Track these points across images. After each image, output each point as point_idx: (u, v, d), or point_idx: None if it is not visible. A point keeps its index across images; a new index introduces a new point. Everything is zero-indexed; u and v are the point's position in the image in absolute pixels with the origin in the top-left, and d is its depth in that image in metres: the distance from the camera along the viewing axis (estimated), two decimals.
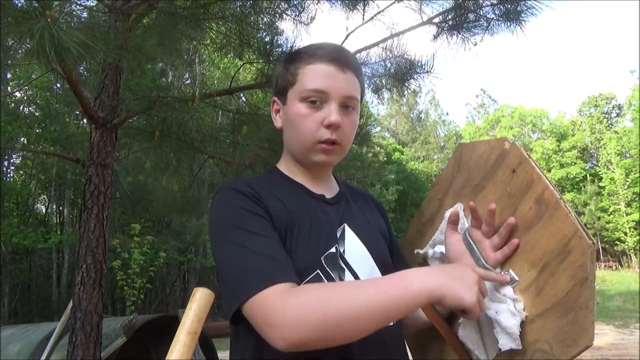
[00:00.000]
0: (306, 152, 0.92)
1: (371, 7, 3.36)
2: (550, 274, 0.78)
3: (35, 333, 4.64)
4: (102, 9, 2.98)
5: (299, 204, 0.90)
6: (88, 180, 2.95)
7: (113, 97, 3.02)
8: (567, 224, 0.76)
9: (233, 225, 0.81)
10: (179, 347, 0.67)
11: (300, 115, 0.89)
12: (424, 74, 3.36)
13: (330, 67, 0.89)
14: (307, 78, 0.89)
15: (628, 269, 30.81)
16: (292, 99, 0.91)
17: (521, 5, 3.08)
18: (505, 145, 0.90)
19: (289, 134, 0.94)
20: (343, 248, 0.88)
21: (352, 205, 0.99)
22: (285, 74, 0.93)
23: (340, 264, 0.86)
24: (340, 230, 0.90)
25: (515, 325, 0.79)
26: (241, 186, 0.86)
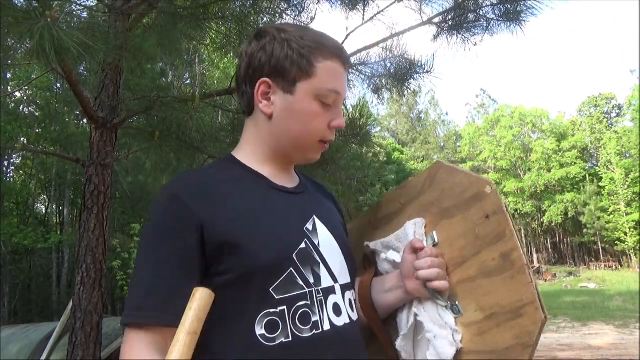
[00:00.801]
0: (304, 149, 0.89)
1: (371, 7, 3.36)
2: (496, 325, 0.82)
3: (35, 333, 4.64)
4: (102, 9, 2.98)
5: (260, 198, 0.85)
6: (88, 180, 2.95)
7: (113, 97, 3.02)
8: (527, 291, 0.79)
9: (149, 243, 0.79)
10: (179, 347, 0.67)
11: (313, 114, 0.86)
12: (424, 74, 3.36)
13: (341, 67, 0.88)
14: (328, 76, 0.85)
15: (628, 269, 30.80)
16: (305, 92, 0.84)
17: (521, 5, 3.08)
18: (486, 188, 0.89)
19: (289, 126, 0.86)
20: (317, 240, 0.86)
21: (314, 195, 0.97)
22: (298, 59, 0.84)
23: (316, 257, 0.84)
24: (312, 223, 0.87)
25: (450, 354, 0.83)
26: (183, 191, 0.80)
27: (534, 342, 0.76)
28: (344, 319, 0.84)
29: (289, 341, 0.76)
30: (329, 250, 0.87)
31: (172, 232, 0.77)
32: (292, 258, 0.80)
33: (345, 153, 3.68)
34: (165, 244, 0.77)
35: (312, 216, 0.88)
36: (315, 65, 0.84)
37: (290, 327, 0.77)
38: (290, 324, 0.77)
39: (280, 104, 0.86)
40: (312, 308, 0.80)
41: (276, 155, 0.90)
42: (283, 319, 0.77)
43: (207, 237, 0.77)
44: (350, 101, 3.71)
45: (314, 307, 0.80)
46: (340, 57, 0.87)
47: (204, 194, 0.80)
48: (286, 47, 0.85)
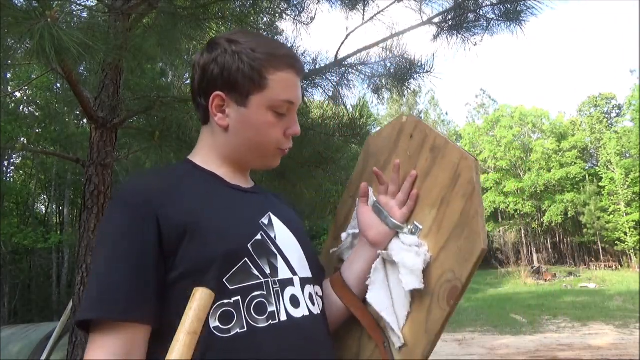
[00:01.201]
0: (262, 157, 0.92)
1: (371, 7, 3.36)
2: (447, 205, 0.84)
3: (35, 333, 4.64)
4: (102, 9, 2.98)
5: (213, 194, 0.86)
6: (88, 180, 2.95)
7: (113, 97, 3.02)
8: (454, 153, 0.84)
9: (107, 243, 0.78)
10: (179, 347, 0.67)
11: (269, 124, 0.88)
12: (423, 74, 3.36)
13: (295, 76, 0.89)
14: (280, 88, 0.87)
15: (628, 269, 30.80)
16: (258, 104, 0.86)
17: (521, 5, 3.08)
18: (402, 119, 0.97)
19: (246, 137, 0.88)
20: (274, 234, 0.86)
21: (270, 197, 0.99)
22: (249, 72, 0.85)
23: (272, 248, 0.84)
24: (267, 218, 0.88)
25: (419, 263, 0.83)
26: (137, 192, 0.81)
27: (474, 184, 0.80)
28: (303, 311, 0.83)
29: (244, 331, 0.76)
30: (286, 244, 0.87)
31: (129, 228, 0.77)
32: (247, 248, 0.81)
33: (345, 153, 3.68)
34: (123, 239, 0.76)
35: (268, 212, 0.90)
36: (267, 78, 0.86)
37: (245, 318, 0.76)
38: (245, 314, 0.77)
39: (235, 117, 0.88)
40: (268, 298, 0.79)
41: (233, 160, 0.92)
42: (237, 310, 0.76)
43: (163, 229, 0.77)
44: (350, 101, 3.70)
45: (270, 298, 0.80)
46: (292, 67, 0.89)
47: (160, 188, 0.82)
48: (237, 60, 0.86)
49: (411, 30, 3.31)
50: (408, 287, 0.83)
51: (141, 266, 0.75)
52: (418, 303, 0.85)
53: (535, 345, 8.62)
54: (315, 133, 3.45)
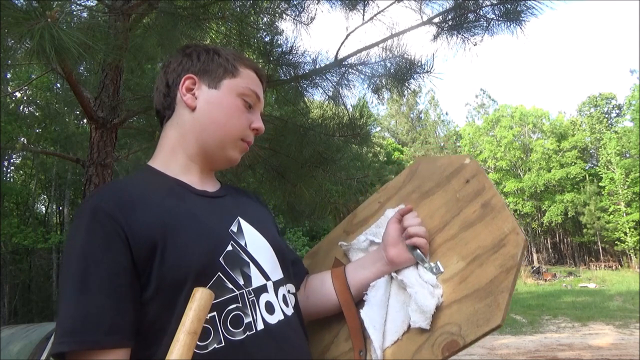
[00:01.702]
0: (224, 145, 0.91)
1: (371, 7, 3.36)
2: (479, 265, 0.82)
3: (36, 333, 4.64)
4: (102, 9, 2.98)
5: (180, 204, 0.83)
6: (88, 180, 2.95)
7: (113, 97, 3.02)
8: (508, 222, 0.81)
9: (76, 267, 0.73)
10: (179, 347, 0.67)
11: (236, 109, 0.91)
12: (423, 74, 3.35)
13: (259, 80, 0.96)
14: (249, 79, 0.93)
15: (628, 269, 30.80)
16: (229, 89, 0.90)
17: (521, 5, 3.08)
18: (465, 160, 0.93)
19: (213, 118, 0.89)
20: (244, 241, 0.86)
21: (237, 198, 0.98)
22: (223, 62, 0.92)
23: (244, 257, 0.84)
24: (236, 224, 0.87)
25: (432, 304, 0.82)
26: (104, 204, 0.76)
27: (517, 262, 0.77)
28: (278, 316, 0.84)
29: (222, 346, 0.75)
30: (257, 249, 0.87)
31: (99, 249, 0.73)
32: (218, 262, 0.79)
33: (345, 153, 3.68)
34: (93, 263, 0.72)
35: (237, 217, 0.89)
36: (238, 69, 0.92)
37: (222, 332, 0.76)
38: (222, 329, 0.76)
39: (205, 98, 0.90)
40: (244, 310, 0.79)
41: (197, 157, 0.91)
42: (214, 325, 0.76)
43: (133, 248, 0.74)
44: (350, 101, 3.70)
45: (246, 309, 0.80)
46: (258, 70, 0.96)
47: (125, 203, 0.78)
48: (212, 53, 0.93)
49: (411, 30, 3.31)
50: (415, 325, 0.83)
51: (114, 291, 0.72)
52: (412, 335, 0.85)
53: (535, 345, 8.62)
54: (315, 133, 3.45)
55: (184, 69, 0.92)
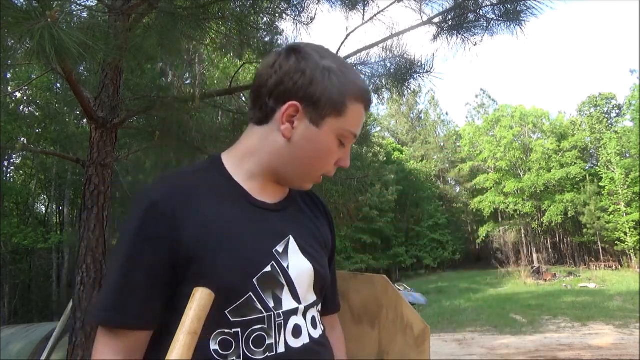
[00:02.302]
0: (305, 178, 0.90)
1: (371, 7, 3.36)
2: None
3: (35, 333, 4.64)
4: (102, 9, 2.98)
5: (233, 213, 0.83)
6: (88, 180, 2.95)
7: (113, 97, 3.02)
8: None
9: (125, 247, 0.80)
10: (178, 347, 0.67)
11: (330, 151, 0.87)
12: (423, 74, 3.36)
13: (364, 111, 0.89)
14: (354, 119, 0.86)
15: (628, 269, 30.77)
16: (330, 128, 0.84)
17: (521, 5, 3.08)
18: None
19: (304, 156, 0.86)
20: (287, 263, 0.85)
21: (300, 210, 0.95)
22: (335, 97, 0.83)
23: (281, 280, 0.83)
24: (284, 244, 0.86)
25: None
26: (161, 197, 0.80)
27: None
28: (303, 340, 0.85)
29: None
30: (298, 273, 0.86)
31: (145, 243, 0.78)
32: (252, 283, 0.80)
33: None
34: (138, 252, 0.78)
35: (288, 237, 0.87)
36: (347, 106, 0.84)
37: (243, 349, 0.78)
38: (243, 346, 0.79)
39: (302, 132, 0.84)
40: (269, 331, 0.81)
41: (271, 173, 0.88)
42: (236, 340, 0.79)
43: (176, 252, 0.78)
44: None
45: (270, 331, 0.81)
46: (366, 101, 0.88)
47: (180, 207, 0.80)
48: (327, 79, 0.83)
49: (411, 30, 3.31)
50: None
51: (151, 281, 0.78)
52: None
53: (535, 345, 8.62)
54: None
55: (292, 89, 0.83)
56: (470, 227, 41.89)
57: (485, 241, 38.86)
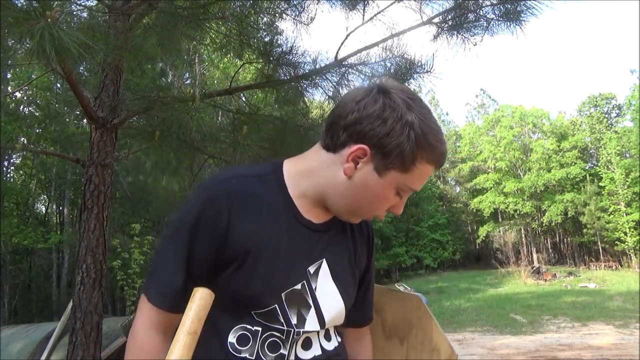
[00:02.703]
0: (352, 214, 0.90)
1: (371, 7, 3.36)
2: None
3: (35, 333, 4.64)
4: (102, 9, 2.98)
5: (279, 227, 0.86)
6: (88, 180, 2.95)
7: (113, 97, 3.02)
8: None
9: (175, 233, 0.86)
10: (178, 347, 0.67)
11: (384, 199, 0.87)
12: (423, 73, 3.36)
13: (433, 170, 0.88)
14: (418, 178, 0.86)
15: (628, 269, 30.77)
16: (391, 179, 0.84)
17: (521, 5, 3.08)
18: None
19: (356, 197, 0.86)
20: (315, 285, 0.88)
21: (342, 233, 0.95)
22: (406, 155, 0.82)
23: (308, 300, 0.87)
24: (316, 265, 0.89)
25: None
26: (220, 195, 0.84)
27: None
28: (314, 351, 0.89)
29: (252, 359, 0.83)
30: (325, 296, 0.89)
31: (195, 234, 0.83)
32: (279, 296, 0.85)
33: None
34: (185, 240, 0.84)
35: (322, 259, 0.90)
36: (416, 165, 0.84)
37: (258, 348, 0.84)
38: (259, 346, 0.84)
39: (363, 176, 0.85)
40: (285, 343, 0.86)
41: (323, 199, 0.90)
42: (254, 338, 0.84)
43: (221, 251, 0.84)
44: None
45: (287, 343, 0.86)
46: (438, 164, 0.87)
47: (235, 208, 0.84)
48: (404, 135, 0.81)
49: (411, 30, 3.31)
50: None
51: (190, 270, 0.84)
52: None
53: (535, 345, 8.62)
54: (315, 133, 3.45)
55: (367, 133, 0.83)
56: (470, 227, 41.89)
57: (485, 241, 38.85)
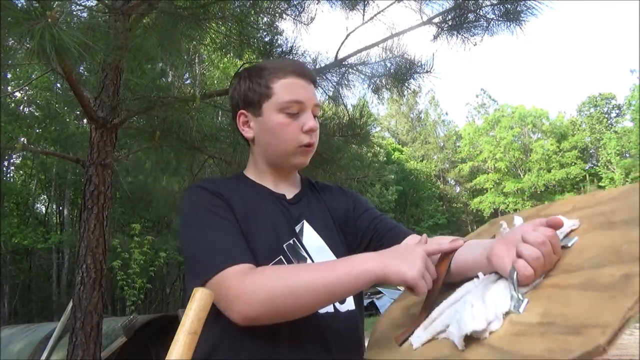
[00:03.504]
0: (287, 156, 1.01)
1: (371, 7, 3.36)
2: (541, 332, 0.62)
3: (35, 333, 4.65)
4: (102, 9, 2.98)
5: (260, 202, 1.00)
6: (88, 180, 2.96)
7: (113, 97, 3.02)
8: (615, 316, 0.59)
9: (199, 215, 0.91)
10: (178, 348, 0.67)
11: (282, 125, 0.98)
12: (423, 73, 3.36)
13: (300, 80, 1.00)
14: (283, 91, 0.98)
15: None
16: (269, 110, 0.99)
17: (521, 5, 3.08)
18: None
19: (267, 142, 1.01)
20: (303, 240, 0.98)
21: (313, 202, 1.08)
22: (257, 87, 1.00)
23: (302, 253, 0.96)
24: (300, 225, 1.00)
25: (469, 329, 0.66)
26: (208, 185, 0.97)
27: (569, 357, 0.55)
28: (327, 309, 0.91)
29: None
30: (315, 249, 0.98)
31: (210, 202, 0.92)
32: (282, 248, 0.94)
33: (345, 153, 3.68)
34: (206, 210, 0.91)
35: (302, 221, 1.01)
36: (271, 87, 0.99)
37: None
38: None
39: (256, 127, 1.02)
40: None
41: (270, 168, 1.05)
42: None
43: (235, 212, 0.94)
44: (350, 101, 3.72)
45: None
46: (294, 72, 1.00)
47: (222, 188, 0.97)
48: (247, 81, 1.02)
49: (411, 30, 3.31)
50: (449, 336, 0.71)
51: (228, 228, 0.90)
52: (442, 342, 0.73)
53: None
54: None
55: (236, 104, 1.05)
56: (470, 227, 41.88)
57: None
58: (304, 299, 0.78)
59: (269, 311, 0.78)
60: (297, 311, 0.80)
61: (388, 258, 0.78)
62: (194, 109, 2.87)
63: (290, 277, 0.79)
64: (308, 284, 0.78)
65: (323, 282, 0.77)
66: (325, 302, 0.82)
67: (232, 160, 3.48)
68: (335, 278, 0.77)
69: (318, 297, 0.78)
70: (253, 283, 0.79)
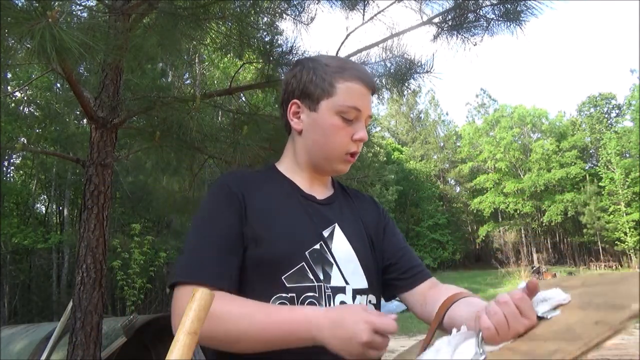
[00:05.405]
0: (331, 160, 0.99)
1: (371, 7, 3.36)
2: None
3: (35, 333, 4.65)
4: (102, 9, 2.98)
5: (285, 202, 0.97)
6: (88, 180, 2.96)
7: (113, 97, 3.02)
8: None
9: (204, 216, 0.93)
10: (178, 348, 0.67)
11: (336, 127, 0.96)
12: (423, 73, 3.36)
13: (363, 88, 0.98)
14: (347, 95, 0.96)
15: (628, 269, 30.76)
16: (327, 109, 0.96)
17: (521, 5, 3.08)
18: None
19: (315, 139, 0.98)
20: (331, 245, 0.95)
21: (345, 207, 1.05)
22: (320, 82, 0.97)
23: (329, 258, 0.93)
24: (330, 230, 0.97)
25: None
26: (231, 181, 0.96)
27: None
28: None
29: None
30: (342, 256, 0.95)
31: (218, 209, 0.92)
32: (304, 254, 0.91)
33: None
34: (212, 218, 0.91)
35: (334, 224, 0.98)
36: (335, 86, 0.96)
37: None
38: None
39: (307, 121, 0.99)
40: (319, 300, 0.88)
41: (308, 167, 1.02)
42: (292, 304, 0.87)
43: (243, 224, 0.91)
44: None
45: (321, 300, 0.88)
46: (359, 79, 0.97)
47: (247, 186, 0.96)
48: (312, 73, 0.98)
49: (411, 30, 3.31)
50: None
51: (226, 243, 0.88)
52: None
53: None
54: None
55: (290, 93, 1.00)
56: (470, 227, 41.89)
57: (485, 241, 38.87)
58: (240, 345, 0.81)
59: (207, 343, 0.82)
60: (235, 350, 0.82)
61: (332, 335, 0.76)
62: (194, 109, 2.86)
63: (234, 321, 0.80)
64: (248, 332, 0.79)
65: (263, 334, 0.79)
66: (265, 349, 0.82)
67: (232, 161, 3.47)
68: (276, 333, 0.79)
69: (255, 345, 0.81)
70: None
